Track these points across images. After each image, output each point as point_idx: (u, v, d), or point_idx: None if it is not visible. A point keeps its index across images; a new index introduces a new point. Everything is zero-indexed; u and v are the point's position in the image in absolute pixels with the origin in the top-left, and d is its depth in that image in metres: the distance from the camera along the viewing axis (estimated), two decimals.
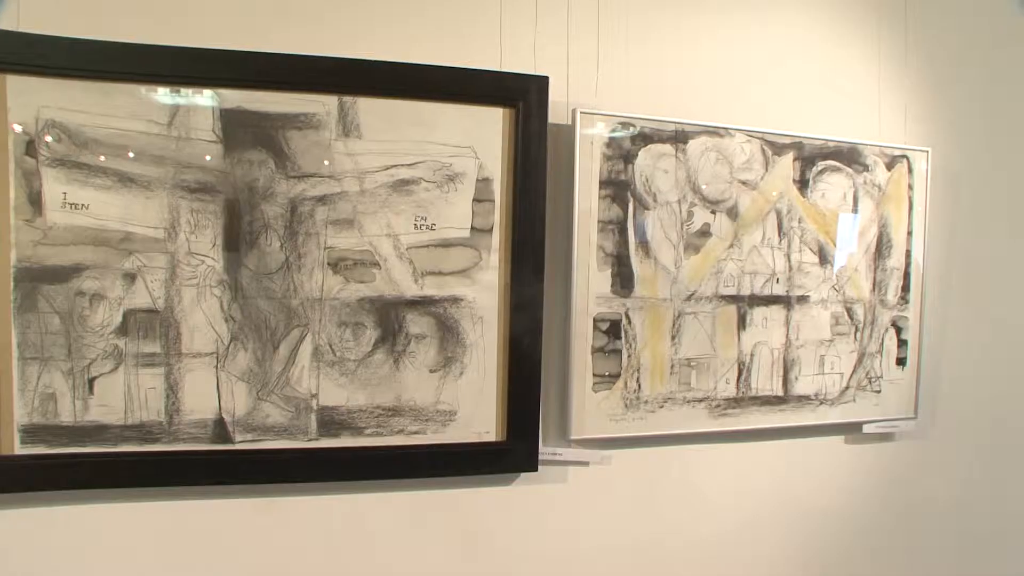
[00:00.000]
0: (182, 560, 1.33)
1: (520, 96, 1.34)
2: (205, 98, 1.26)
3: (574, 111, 1.37)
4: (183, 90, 1.25)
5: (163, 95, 1.24)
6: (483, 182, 1.33)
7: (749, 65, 1.53)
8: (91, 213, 1.22)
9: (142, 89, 1.24)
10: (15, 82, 1.19)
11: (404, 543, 1.39)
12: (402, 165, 1.30)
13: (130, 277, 1.24)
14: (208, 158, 1.25)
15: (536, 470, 1.39)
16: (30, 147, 1.20)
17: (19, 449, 1.23)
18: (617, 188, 1.40)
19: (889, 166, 1.59)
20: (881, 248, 1.59)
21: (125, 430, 1.25)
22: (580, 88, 1.41)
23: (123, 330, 1.24)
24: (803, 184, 1.51)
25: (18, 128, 1.20)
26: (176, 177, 1.24)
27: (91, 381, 1.24)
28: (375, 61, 1.30)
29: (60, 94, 1.21)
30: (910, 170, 1.62)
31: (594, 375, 1.40)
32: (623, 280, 1.41)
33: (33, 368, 1.22)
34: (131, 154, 1.23)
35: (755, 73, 1.54)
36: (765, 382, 1.51)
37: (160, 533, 1.32)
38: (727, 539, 1.56)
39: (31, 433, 1.23)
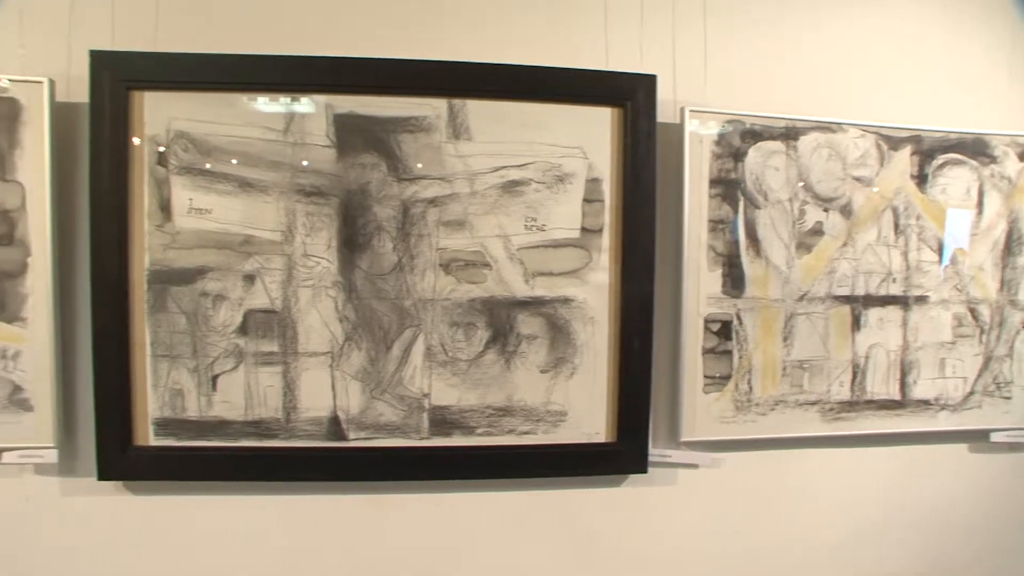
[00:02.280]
0: (297, 554, 1.32)
1: (628, 95, 1.28)
2: (318, 104, 1.24)
3: (682, 109, 1.30)
4: (298, 97, 1.23)
5: (279, 103, 1.23)
6: (592, 182, 1.27)
7: (862, 58, 1.42)
8: (214, 217, 1.22)
9: (260, 98, 1.23)
10: (150, 98, 1.20)
11: (512, 543, 1.34)
12: (512, 166, 1.25)
13: (250, 278, 1.23)
14: (322, 162, 1.23)
15: (645, 472, 1.32)
16: (161, 157, 1.20)
17: (153, 440, 1.24)
18: (727, 187, 1.32)
19: (1021, 156, 1.44)
20: (1011, 245, 1.44)
21: (246, 426, 1.24)
22: (687, 86, 1.33)
23: (243, 329, 1.23)
24: (922, 179, 1.39)
25: (139, 140, 1.22)
26: (292, 181, 1.23)
27: (214, 378, 1.24)
28: (483, 63, 1.26)
29: (187, 106, 1.21)
30: None
31: (704, 376, 1.32)
32: (734, 280, 1.33)
33: (164, 365, 1.23)
34: (250, 160, 1.22)
35: (868, 66, 1.42)
36: (881, 385, 1.40)
37: (277, 526, 1.31)
38: (841, 547, 1.44)
39: (163, 426, 1.24)
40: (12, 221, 1.19)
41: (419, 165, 1.23)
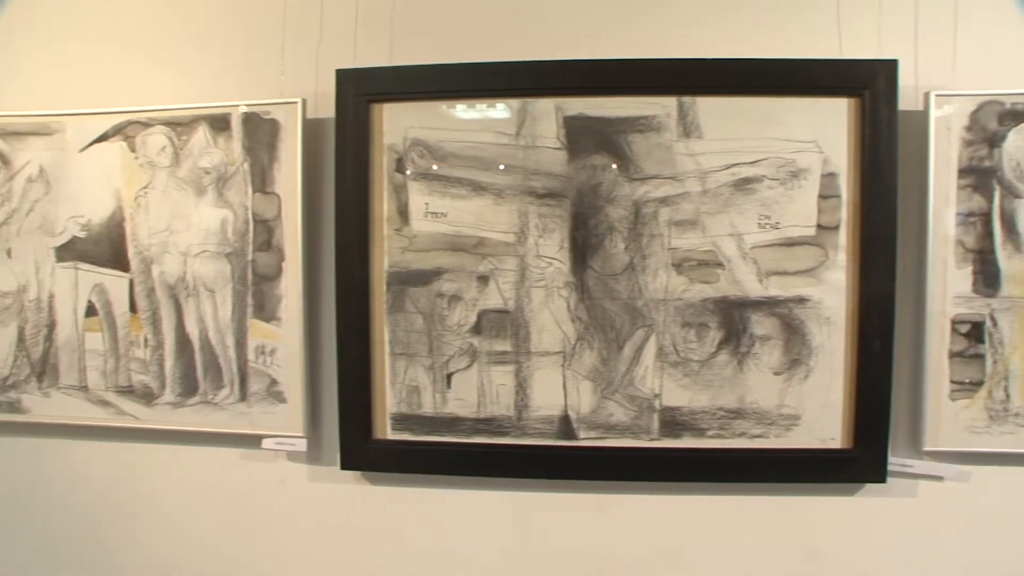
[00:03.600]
0: (524, 550, 1.38)
1: (866, 84, 1.23)
2: (548, 107, 1.28)
3: (926, 94, 1.23)
4: (528, 101, 1.28)
5: (509, 107, 1.28)
6: (828, 177, 1.23)
7: None
8: (449, 221, 1.29)
9: (491, 103, 1.28)
10: (389, 109, 1.29)
11: (739, 548, 1.33)
12: (744, 163, 1.24)
13: (483, 279, 1.29)
14: (553, 164, 1.27)
15: (884, 481, 1.26)
16: (399, 164, 1.29)
17: (390, 434, 1.33)
18: (979, 176, 1.23)
19: None
20: None
21: (477, 423, 1.31)
22: (931, 68, 1.26)
23: (477, 329, 1.30)
24: None
25: (379, 149, 1.32)
26: (524, 184, 1.27)
27: (449, 376, 1.31)
28: (711, 59, 1.25)
29: (422, 115, 1.29)
30: None
31: (951, 382, 1.25)
32: (987, 278, 1.24)
33: (401, 363, 1.31)
34: (483, 164, 1.28)
35: None
36: None
37: (505, 522, 1.37)
38: None
39: (399, 421, 1.32)
40: (270, 229, 1.31)
41: (649, 165, 1.23)
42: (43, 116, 1.36)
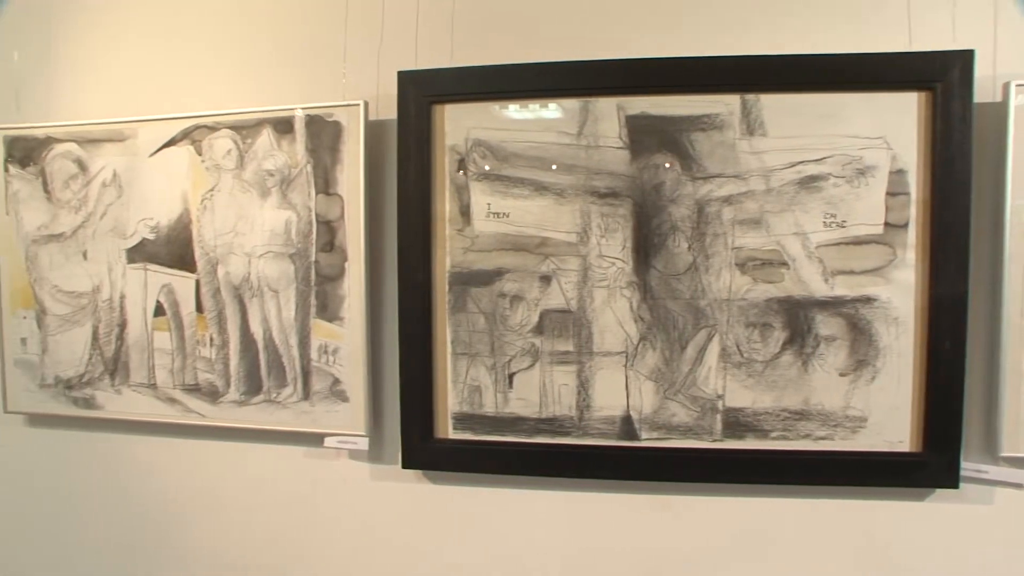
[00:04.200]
0: (584, 550, 1.40)
1: (938, 77, 1.21)
2: (611, 107, 1.29)
3: (1006, 84, 1.21)
4: (590, 101, 1.30)
5: (572, 107, 1.30)
6: (896, 174, 1.23)
7: None
8: (511, 221, 1.32)
9: (552, 103, 1.31)
10: (451, 110, 1.32)
11: (803, 553, 1.33)
12: (809, 161, 1.24)
13: (546, 279, 1.31)
14: (616, 164, 1.29)
15: (957, 487, 1.24)
16: (461, 164, 1.32)
17: (452, 434, 1.37)
18: None
19: None
20: None
21: (539, 423, 1.33)
22: (1011, 56, 1.24)
23: (539, 329, 1.32)
24: None
25: (441, 150, 1.34)
26: (586, 183, 1.29)
27: (511, 376, 1.34)
28: (776, 56, 1.25)
29: (484, 115, 1.32)
30: None
31: None
32: None
33: (463, 363, 1.35)
34: (545, 164, 1.30)
35: None
36: None
37: (565, 522, 1.39)
38: None
39: (461, 420, 1.35)
40: (333, 230, 1.36)
41: (713, 163, 1.24)
42: (117, 123, 1.42)
